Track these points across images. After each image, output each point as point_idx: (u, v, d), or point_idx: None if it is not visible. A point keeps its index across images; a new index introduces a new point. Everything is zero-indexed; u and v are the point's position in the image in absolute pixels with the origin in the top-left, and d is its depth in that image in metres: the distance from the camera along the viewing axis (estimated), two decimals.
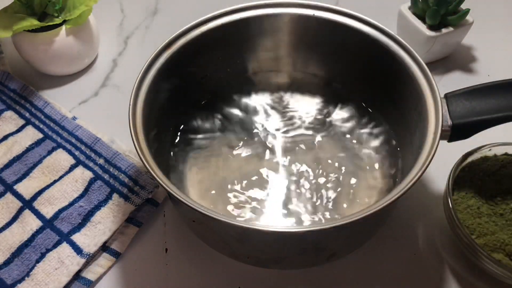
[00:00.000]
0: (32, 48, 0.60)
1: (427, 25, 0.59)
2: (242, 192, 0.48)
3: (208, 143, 0.52)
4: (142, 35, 0.70)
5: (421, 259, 0.47)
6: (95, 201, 0.50)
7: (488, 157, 0.48)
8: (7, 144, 0.55)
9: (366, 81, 0.53)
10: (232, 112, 0.54)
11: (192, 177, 0.50)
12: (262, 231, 0.37)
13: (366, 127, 0.53)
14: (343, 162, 0.50)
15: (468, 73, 0.62)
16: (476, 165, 0.48)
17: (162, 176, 0.39)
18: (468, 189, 0.47)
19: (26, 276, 0.46)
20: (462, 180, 0.47)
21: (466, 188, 0.47)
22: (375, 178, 0.49)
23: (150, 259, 0.48)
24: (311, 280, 0.46)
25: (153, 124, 0.46)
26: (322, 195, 0.47)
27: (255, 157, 0.50)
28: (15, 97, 0.60)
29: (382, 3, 0.69)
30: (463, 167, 0.48)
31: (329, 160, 0.50)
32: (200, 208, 0.37)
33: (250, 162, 0.50)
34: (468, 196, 0.46)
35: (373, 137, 0.52)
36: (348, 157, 0.50)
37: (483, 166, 0.48)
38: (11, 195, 0.51)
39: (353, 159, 0.50)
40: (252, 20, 0.51)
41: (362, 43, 0.50)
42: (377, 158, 0.50)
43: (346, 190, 0.48)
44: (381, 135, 0.52)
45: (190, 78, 0.53)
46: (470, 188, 0.47)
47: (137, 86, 0.45)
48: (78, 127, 0.56)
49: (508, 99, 0.42)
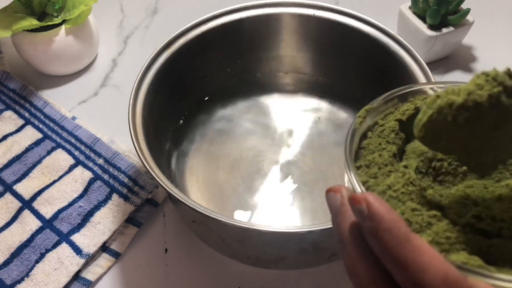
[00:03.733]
0: (31, 48, 0.59)
1: (428, 25, 0.59)
2: (243, 192, 0.48)
3: (208, 143, 0.52)
4: (142, 35, 0.69)
5: None
6: (94, 201, 0.50)
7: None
8: (6, 144, 0.55)
9: (366, 80, 0.53)
10: (232, 112, 0.54)
11: (192, 177, 0.50)
12: (262, 231, 0.37)
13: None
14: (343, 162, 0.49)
15: (468, 73, 0.62)
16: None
17: (162, 176, 0.39)
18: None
19: (26, 277, 0.46)
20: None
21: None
22: None
23: (150, 259, 0.48)
24: (311, 280, 0.46)
25: (153, 124, 0.46)
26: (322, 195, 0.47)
27: (256, 157, 0.50)
28: (15, 97, 0.60)
29: (382, 2, 0.69)
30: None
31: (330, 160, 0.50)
32: (200, 208, 0.37)
33: (251, 161, 0.50)
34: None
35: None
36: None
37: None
38: (10, 195, 0.51)
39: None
40: (252, 20, 0.51)
41: (363, 42, 0.49)
42: None
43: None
44: None
45: (190, 78, 0.53)
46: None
47: (136, 86, 0.45)
48: (78, 127, 0.56)
49: None
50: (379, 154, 0.30)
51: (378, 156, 0.30)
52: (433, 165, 0.30)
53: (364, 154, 0.31)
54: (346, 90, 0.55)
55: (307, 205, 0.47)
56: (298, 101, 0.55)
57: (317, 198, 0.47)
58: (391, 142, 0.31)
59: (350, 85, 0.55)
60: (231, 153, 0.51)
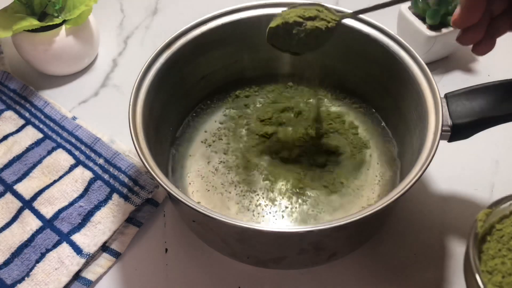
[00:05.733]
0: (32, 48, 0.60)
1: (427, 25, 0.59)
2: (243, 191, 0.48)
3: (208, 143, 0.52)
4: (142, 35, 0.70)
5: (421, 259, 0.47)
6: (95, 201, 0.50)
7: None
8: (7, 144, 0.55)
9: (366, 81, 0.53)
10: (231, 112, 0.54)
11: (192, 177, 0.50)
12: (262, 231, 0.37)
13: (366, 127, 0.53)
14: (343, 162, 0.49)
15: (468, 73, 0.62)
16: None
17: (162, 176, 0.39)
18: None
19: (26, 276, 0.46)
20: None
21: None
22: (375, 178, 0.49)
23: (150, 259, 0.48)
24: (311, 280, 0.46)
25: (153, 124, 0.46)
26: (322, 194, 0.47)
27: (256, 157, 0.50)
28: (15, 97, 0.60)
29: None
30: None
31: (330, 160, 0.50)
32: (200, 208, 0.37)
33: (251, 161, 0.50)
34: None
35: (372, 137, 0.52)
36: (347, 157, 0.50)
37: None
38: (11, 195, 0.51)
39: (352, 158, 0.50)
40: (252, 20, 0.51)
41: (362, 43, 0.50)
42: (377, 158, 0.50)
43: (347, 190, 0.48)
44: (381, 135, 0.52)
45: (190, 78, 0.53)
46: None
47: (137, 86, 0.45)
48: (78, 127, 0.56)
49: (508, 99, 0.42)
50: (501, 261, 0.32)
51: (500, 264, 0.32)
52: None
53: (484, 259, 0.32)
54: (345, 90, 0.55)
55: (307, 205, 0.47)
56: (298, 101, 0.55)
57: (318, 197, 0.47)
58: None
59: (349, 85, 0.55)
60: (231, 153, 0.51)
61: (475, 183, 0.52)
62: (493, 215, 0.35)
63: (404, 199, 0.38)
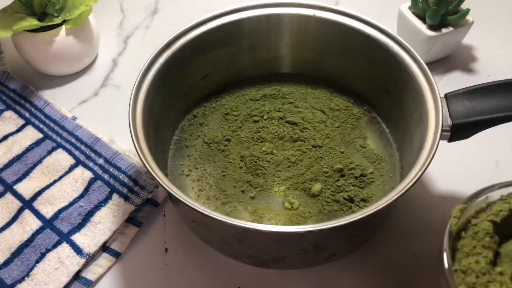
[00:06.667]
0: (32, 48, 0.60)
1: (427, 25, 0.59)
2: (243, 191, 0.48)
3: (208, 143, 0.52)
4: (142, 35, 0.70)
5: (421, 259, 0.47)
6: (95, 201, 0.50)
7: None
8: (7, 144, 0.55)
9: (366, 81, 0.53)
10: (231, 112, 0.54)
11: (192, 177, 0.50)
12: (262, 231, 0.37)
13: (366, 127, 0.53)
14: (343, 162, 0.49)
15: (468, 73, 0.62)
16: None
17: (162, 176, 0.39)
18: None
19: (26, 276, 0.46)
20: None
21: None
22: (375, 177, 0.49)
23: (150, 259, 0.48)
24: (311, 280, 0.46)
25: (153, 124, 0.46)
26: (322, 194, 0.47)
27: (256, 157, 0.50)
28: (15, 97, 0.60)
29: (382, 3, 0.69)
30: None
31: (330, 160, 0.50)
32: (200, 208, 0.37)
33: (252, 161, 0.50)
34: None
35: (372, 137, 0.52)
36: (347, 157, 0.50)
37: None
38: (11, 195, 0.51)
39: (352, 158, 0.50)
40: (252, 20, 0.51)
41: (362, 43, 0.50)
42: (377, 158, 0.50)
43: (347, 190, 0.48)
44: (381, 135, 0.52)
45: (190, 78, 0.53)
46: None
47: (137, 86, 0.45)
48: (78, 127, 0.56)
49: (508, 99, 0.42)
50: (475, 260, 0.30)
51: (474, 263, 0.30)
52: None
53: (459, 257, 0.30)
54: (345, 90, 0.55)
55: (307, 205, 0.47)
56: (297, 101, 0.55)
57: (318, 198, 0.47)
58: (487, 247, 0.30)
59: (349, 85, 0.55)
60: (231, 153, 0.51)
61: (475, 183, 0.52)
62: (470, 209, 0.33)
63: (404, 199, 0.38)
